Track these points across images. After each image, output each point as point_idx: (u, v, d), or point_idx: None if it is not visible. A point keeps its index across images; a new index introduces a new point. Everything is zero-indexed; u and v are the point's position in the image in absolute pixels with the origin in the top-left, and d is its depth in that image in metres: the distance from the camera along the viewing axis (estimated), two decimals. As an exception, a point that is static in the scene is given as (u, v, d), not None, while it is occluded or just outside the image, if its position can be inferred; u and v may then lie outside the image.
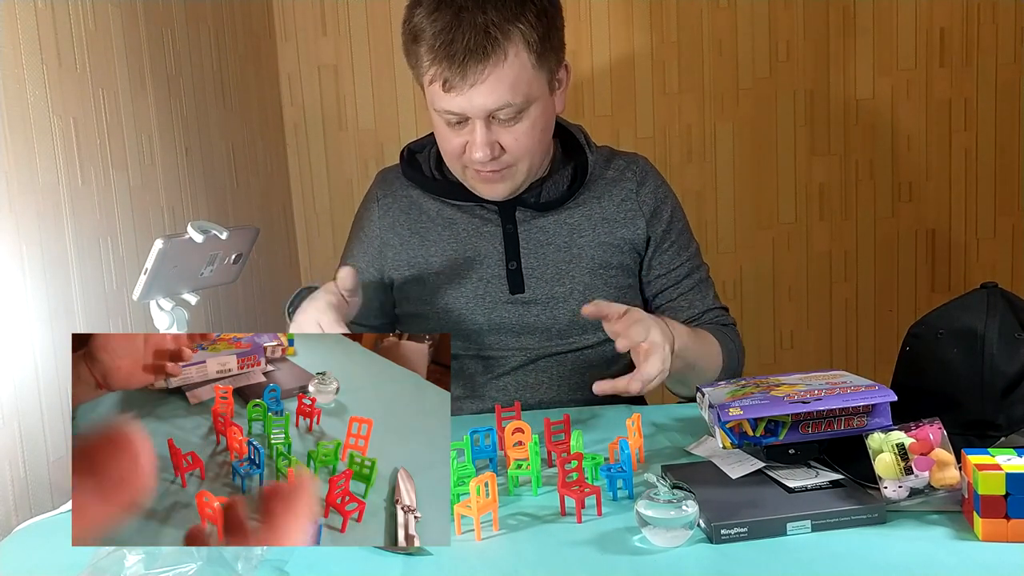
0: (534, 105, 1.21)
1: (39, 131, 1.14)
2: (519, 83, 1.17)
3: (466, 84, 1.15)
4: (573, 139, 1.37)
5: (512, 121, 1.20)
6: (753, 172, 2.28)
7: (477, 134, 1.20)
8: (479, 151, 1.20)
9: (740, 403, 0.90)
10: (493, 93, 1.16)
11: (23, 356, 1.07)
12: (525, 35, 1.16)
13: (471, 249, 1.33)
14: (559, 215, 1.33)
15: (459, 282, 1.32)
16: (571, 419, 1.08)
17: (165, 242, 0.84)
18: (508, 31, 1.15)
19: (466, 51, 1.13)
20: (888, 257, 2.32)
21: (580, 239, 1.33)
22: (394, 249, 1.36)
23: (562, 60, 1.26)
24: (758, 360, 2.34)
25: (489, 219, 1.33)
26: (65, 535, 0.78)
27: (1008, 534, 0.77)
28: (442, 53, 1.14)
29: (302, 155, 2.25)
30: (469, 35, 1.13)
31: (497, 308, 1.32)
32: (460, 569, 0.79)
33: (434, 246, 1.34)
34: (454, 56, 1.14)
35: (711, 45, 2.22)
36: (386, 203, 1.39)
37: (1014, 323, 0.95)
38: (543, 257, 1.32)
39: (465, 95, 1.16)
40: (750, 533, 0.80)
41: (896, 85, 2.24)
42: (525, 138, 1.22)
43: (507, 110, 1.18)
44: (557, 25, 1.23)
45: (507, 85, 1.16)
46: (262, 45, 2.10)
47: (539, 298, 1.32)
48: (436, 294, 1.33)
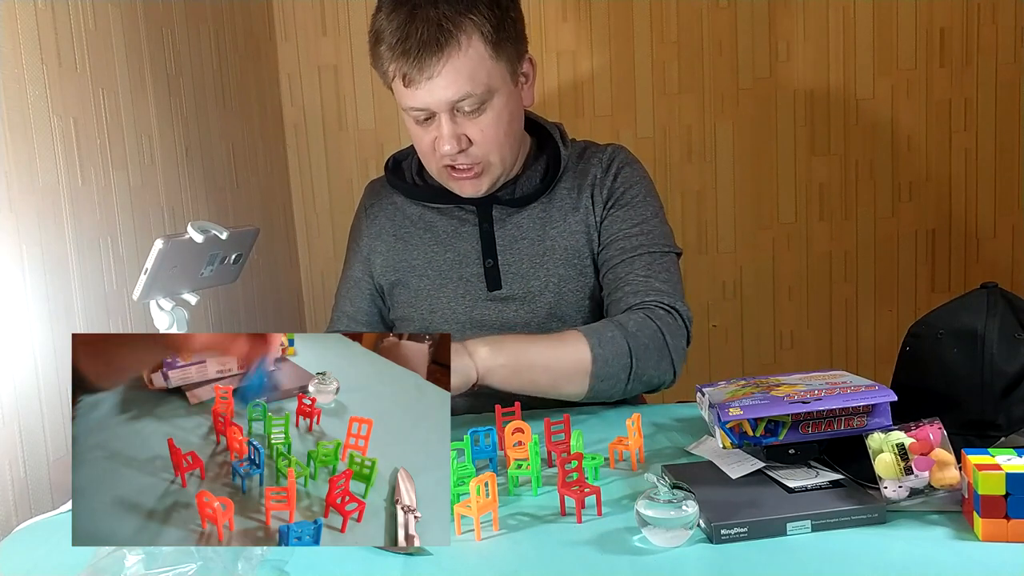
0: (496, 96, 1.24)
1: (39, 131, 1.14)
2: (477, 73, 1.20)
3: (423, 77, 1.19)
4: (549, 136, 1.39)
5: (476, 113, 1.23)
6: (753, 172, 2.28)
7: (443, 127, 1.23)
8: (446, 144, 1.24)
9: (740, 403, 0.90)
10: (452, 84, 1.20)
11: (23, 356, 1.07)
12: (478, 25, 1.20)
13: (451, 250, 1.36)
14: (532, 210, 1.35)
15: (441, 283, 1.36)
16: (571, 419, 1.08)
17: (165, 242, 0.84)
18: (460, 22, 1.18)
19: (420, 44, 1.17)
20: (888, 257, 2.32)
21: (552, 231, 1.35)
22: (381, 256, 1.41)
23: (523, 53, 1.29)
24: (758, 360, 2.34)
25: (467, 219, 1.37)
26: (65, 535, 0.78)
27: (1008, 534, 0.77)
28: (399, 49, 1.19)
29: (302, 155, 2.25)
30: (422, 29, 1.17)
31: (477, 306, 1.34)
32: (460, 569, 0.79)
33: (416, 249, 1.38)
34: (410, 51, 1.18)
35: (711, 45, 2.22)
36: (373, 212, 1.44)
37: (1014, 323, 0.95)
38: (518, 252, 1.34)
39: (425, 88, 1.20)
40: (750, 533, 0.80)
41: (896, 85, 2.24)
42: (491, 130, 1.25)
43: (469, 101, 1.21)
44: (512, 16, 1.25)
45: (465, 76, 1.20)
46: (262, 45, 2.10)
47: (516, 294, 1.34)
48: (420, 296, 1.37)
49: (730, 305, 2.33)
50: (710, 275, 2.31)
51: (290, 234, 2.24)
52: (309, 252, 2.28)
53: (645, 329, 1.21)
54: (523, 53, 1.29)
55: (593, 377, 1.17)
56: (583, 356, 1.17)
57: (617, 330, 1.20)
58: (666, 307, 1.25)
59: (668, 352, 1.22)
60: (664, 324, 1.22)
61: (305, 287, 2.28)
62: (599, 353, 1.17)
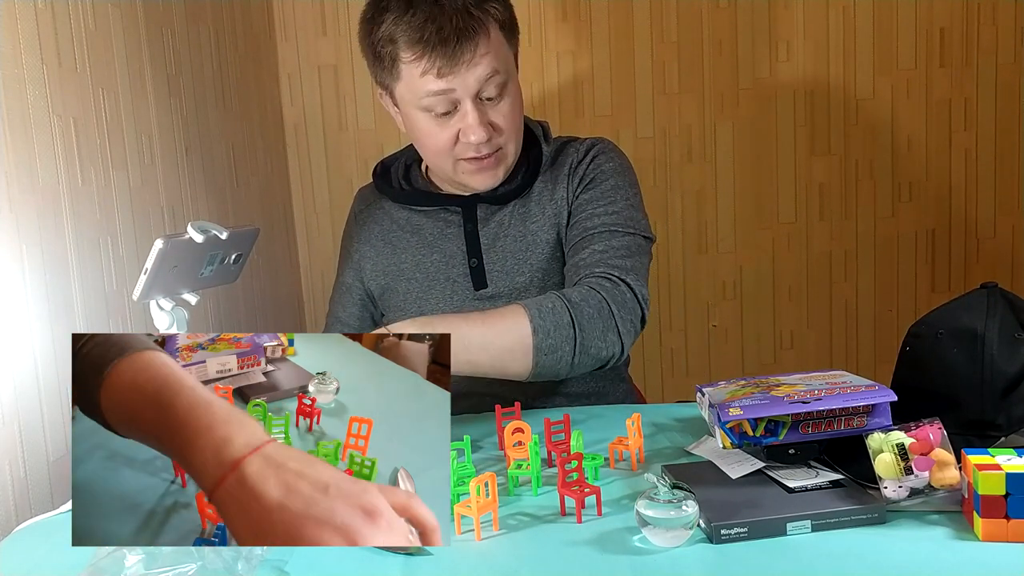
0: (511, 82, 1.28)
1: (39, 131, 1.14)
2: (499, 58, 1.25)
3: (462, 65, 1.21)
4: (532, 135, 1.40)
5: (497, 99, 1.26)
6: (753, 172, 2.28)
7: (470, 116, 1.24)
8: (474, 133, 1.25)
9: (740, 403, 0.90)
10: (486, 69, 1.24)
11: (23, 356, 1.07)
12: (497, 14, 1.25)
13: (437, 251, 1.37)
14: (513, 207, 1.37)
15: (429, 285, 1.37)
16: (571, 419, 1.08)
17: (165, 242, 0.84)
18: (485, 10, 1.23)
19: (457, 33, 1.20)
20: (888, 257, 2.32)
21: (532, 225, 1.35)
22: (371, 260, 1.42)
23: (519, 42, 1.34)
24: (758, 360, 2.34)
25: (452, 220, 1.38)
26: (65, 535, 0.78)
27: (1008, 534, 0.77)
28: (434, 40, 1.20)
29: (302, 155, 2.25)
30: (456, 19, 1.20)
31: (465, 306, 1.35)
32: (460, 569, 0.79)
33: (404, 253, 1.39)
34: (447, 40, 1.20)
35: (711, 45, 2.22)
36: (362, 218, 1.46)
37: (1014, 323, 0.95)
38: (502, 250, 1.35)
39: (461, 77, 1.22)
40: (750, 533, 0.80)
41: (896, 85, 2.24)
42: (512, 115, 1.28)
43: (492, 87, 1.24)
44: (512, 5, 1.31)
45: (495, 61, 1.24)
46: (262, 45, 2.10)
47: (502, 292, 1.34)
48: (409, 299, 1.38)
49: (730, 305, 2.33)
50: (710, 275, 2.30)
51: (290, 234, 2.24)
52: (309, 252, 2.28)
53: (590, 299, 1.17)
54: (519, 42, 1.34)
55: (535, 351, 1.13)
56: (523, 330, 1.12)
57: (558, 300, 1.16)
58: (615, 279, 1.21)
59: (615, 323, 1.17)
60: (610, 295, 1.18)
61: (305, 287, 2.28)
62: (539, 324, 1.13)
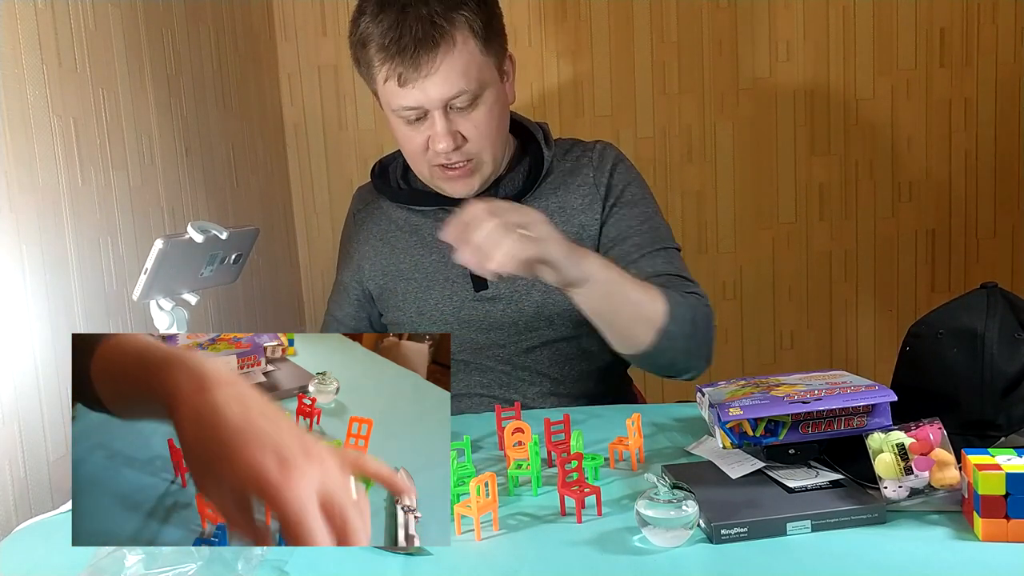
0: (488, 91, 1.24)
1: (39, 131, 1.14)
2: (470, 69, 1.20)
3: (420, 75, 1.18)
4: (532, 137, 1.38)
5: (469, 108, 1.23)
6: (753, 172, 2.28)
7: (437, 124, 1.22)
8: (441, 142, 1.22)
9: (740, 403, 0.90)
10: (447, 81, 1.19)
11: (23, 356, 1.07)
12: (469, 21, 1.20)
13: (436, 251, 1.36)
14: None
15: (428, 285, 1.36)
16: (571, 419, 1.08)
17: (165, 242, 0.84)
18: (452, 19, 1.19)
19: (415, 42, 1.17)
20: (888, 257, 2.32)
21: None
22: (369, 260, 1.41)
23: (506, 49, 1.29)
24: (758, 360, 2.34)
25: None
26: (65, 535, 0.78)
27: (1008, 534, 0.77)
28: (393, 49, 1.18)
29: (302, 155, 2.25)
30: (416, 27, 1.17)
31: (465, 306, 1.34)
32: (460, 569, 0.79)
33: (403, 253, 1.38)
34: (405, 49, 1.17)
35: (711, 45, 2.22)
36: (360, 217, 1.45)
37: (1014, 323, 0.95)
38: None
39: (420, 87, 1.19)
40: (750, 533, 0.80)
41: (896, 85, 2.24)
42: (484, 125, 1.25)
43: (463, 97, 1.21)
44: (496, 12, 1.27)
45: (459, 72, 1.19)
46: (262, 45, 2.10)
47: (503, 293, 1.33)
48: (408, 299, 1.37)
49: (730, 305, 2.33)
50: (710, 275, 2.30)
51: (290, 234, 2.24)
52: (309, 252, 2.28)
53: (701, 310, 1.22)
54: (506, 49, 1.30)
55: (660, 333, 1.14)
56: (660, 308, 1.14)
57: (683, 299, 1.19)
58: (707, 305, 1.25)
59: (710, 341, 1.22)
60: (709, 317, 1.23)
61: (305, 287, 2.28)
62: (673, 311, 1.15)
